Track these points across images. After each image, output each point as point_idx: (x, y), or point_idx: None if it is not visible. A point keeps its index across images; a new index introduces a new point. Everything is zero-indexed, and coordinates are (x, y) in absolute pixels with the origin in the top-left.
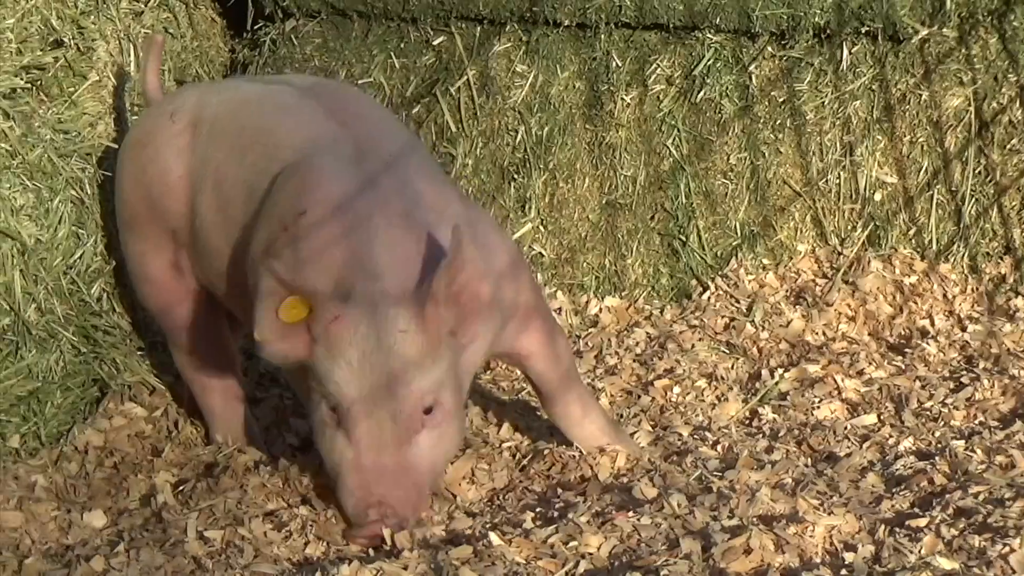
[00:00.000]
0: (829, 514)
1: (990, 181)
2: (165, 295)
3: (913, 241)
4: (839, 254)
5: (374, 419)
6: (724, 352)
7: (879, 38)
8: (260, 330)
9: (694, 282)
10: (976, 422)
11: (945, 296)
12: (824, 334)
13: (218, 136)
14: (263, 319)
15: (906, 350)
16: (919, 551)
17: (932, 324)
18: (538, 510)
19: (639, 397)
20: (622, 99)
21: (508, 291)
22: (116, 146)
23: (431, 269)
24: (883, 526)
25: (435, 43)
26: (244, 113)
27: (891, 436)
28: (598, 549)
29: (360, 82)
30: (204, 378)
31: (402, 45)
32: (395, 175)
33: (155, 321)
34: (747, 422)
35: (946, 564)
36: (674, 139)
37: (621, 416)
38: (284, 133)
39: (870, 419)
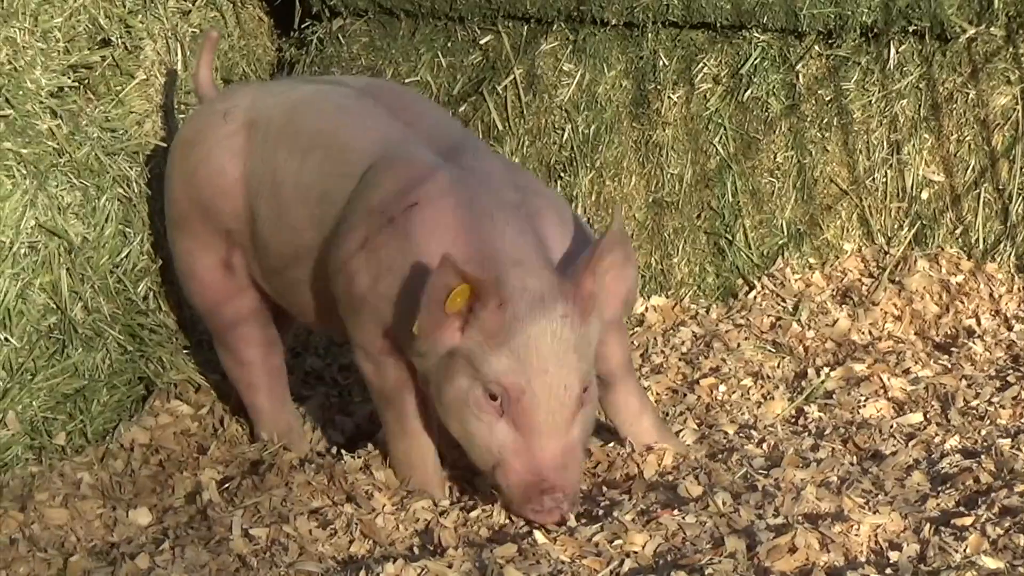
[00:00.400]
0: (874, 513)
1: None
2: (213, 293)
3: (960, 240)
4: (885, 253)
5: (544, 404)
6: (770, 351)
7: (926, 37)
8: (422, 320)
9: (740, 281)
10: (1022, 421)
11: (991, 295)
12: (870, 333)
13: (275, 139)
14: (427, 309)
15: (952, 349)
16: (964, 550)
17: (978, 323)
18: (583, 508)
19: (685, 396)
20: (669, 98)
21: None
22: (163, 144)
23: (554, 253)
24: (928, 525)
25: (482, 42)
26: (301, 115)
27: (937, 435)
28: (643, 547)
29: (407, 81)
30: (250, 377)
31: (449, 44)
32: (488, 164)
33: (201, 319)
34: (793, 420)
35: (991, 563)
36: (721, 138)
37: (667, 414)
38: (349, 134)
39: (916, 418)
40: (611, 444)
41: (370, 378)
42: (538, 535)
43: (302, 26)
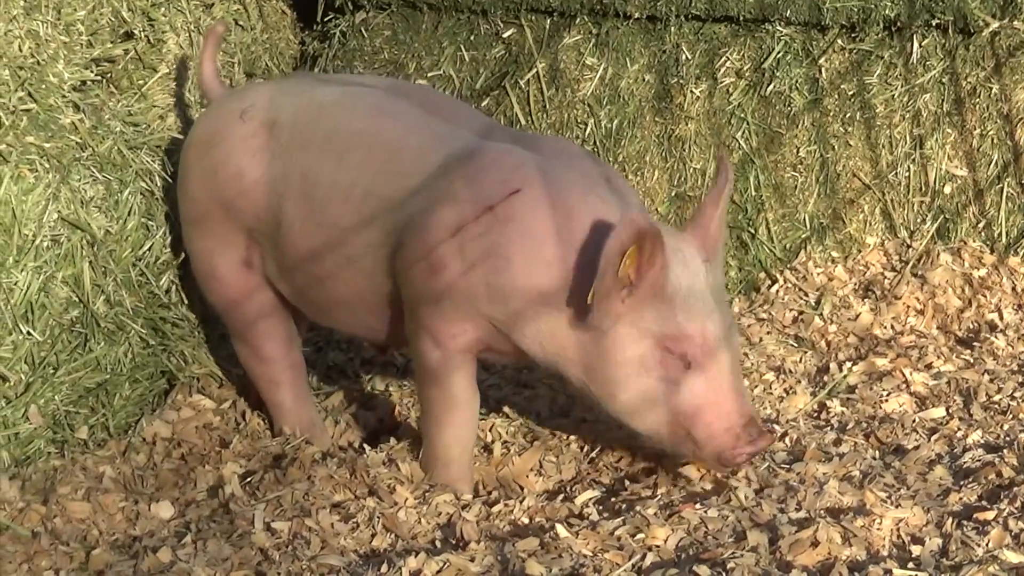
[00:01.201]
0: (896, 507)
1: None
2: (233, 291)
3: (982, 234)
4: (908, 247)
5: (726, 345)
6: (792, 345)
7: (949, 31)
8: (599, 287)
9: (763, 275)
10: None
11: (1014, 289)
12: (892, 327)
13: (303, 141)
14: (605, 275)
15: (975, 343)
16: (986, 544)
17: (1001, 318)
18: (605, 502)
19: None
20: (692, 92)
21: None
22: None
23: None
24: (950, 519)
25: (505, 36)
26: (332, 116)
27: (959, 429)
28: (665, 541)
29: (430, 75)
30: (272, 373)
31: (472, 38)
32: (547, 146)
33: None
34: (815, 415)
35: (1013, 557)
36: (743, 132)
37: None
38: (393, 134)
39: (938, 412)
40: (630, 438)
41: (432, 366)
42: (560, 529)
43: (325, 19)
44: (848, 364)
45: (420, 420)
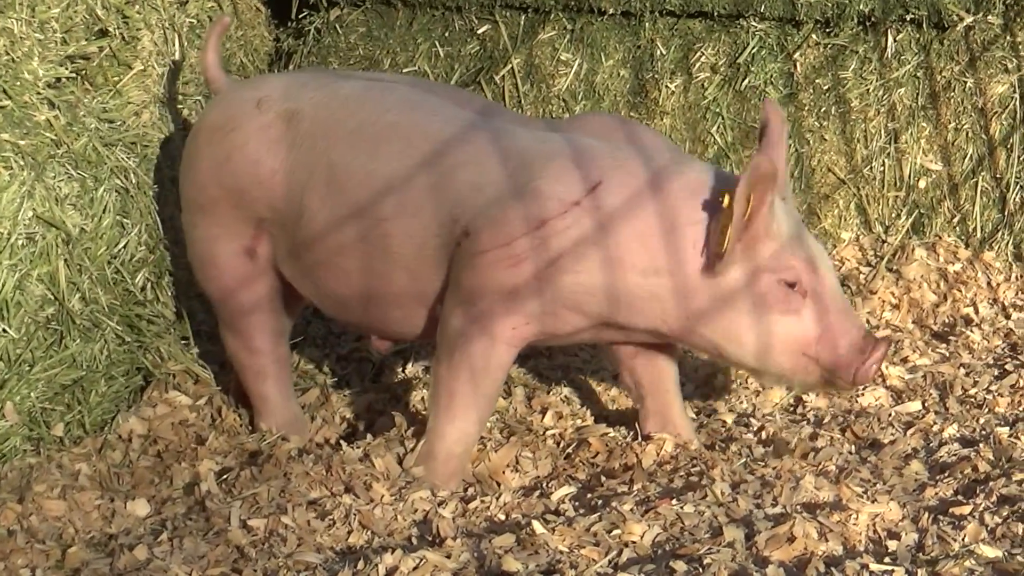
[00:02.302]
0: (873, 502)
1: None
2: (230, 280)
3: (957, 229)
4: (883, 242)
5: (829, 266)
6: None
7: (924, 25)
8: (732, 234)
9: None
10: (1020, 409)
11: (989, 284)
12: (868, 322)
13: (327, 132)
14: (738, 221)
15: (950, 338)
16: (962, 539)
17: (976, 312)
18: (582, 498)
19: (683, 384)
20: (667, 87)
21: None
22: (161, 135)
23: None
24: (926, 514)
25: (480, 32)
26: (359, 110)
27: (935, 423)
28: (641, 537)
29: (404, 71)
30: (260, 365)
31: (447, 34)
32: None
33: (209, 307)
34: (791, 409)
35: (989, 552)
36: (719, 127)
37: None
38: (431, 128)
39: (914, 406)
40: (606, 434)
41: (472, 356)
42: (536, 525)
43: (299, 16)
44: None
45: (430, 409)
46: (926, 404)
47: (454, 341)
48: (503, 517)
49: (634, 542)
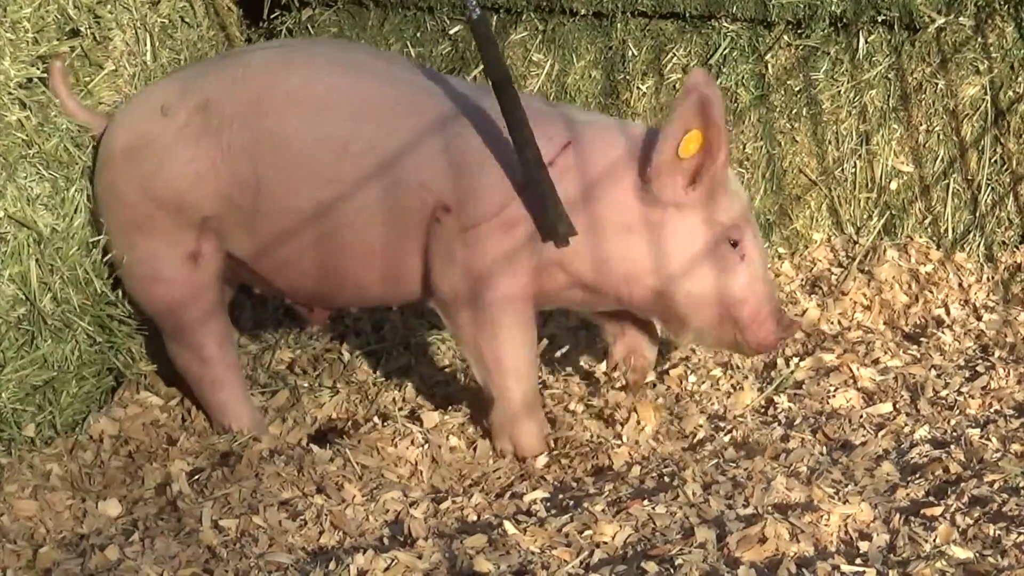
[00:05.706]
0: (844, 503)
1: (1006, 170)
2: (178, 292)
3: (929, 230)
4: (855, 243)
5: (758, 234)
6: None
7: (895, 27)
8: (658, 158)
9: None
10: (991, 410)
11: (961, 285)
12: (840, 323)
13: (258, 103)
14: (664, 146)
15: (921, 339)
16: (934, 540)
17: (948, 313)
18: (554, 499)
19: (654, 385)
20: (638, 88)
21: None
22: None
23: None
24: (898, 515)
25: (451, 32)
26: (289, 75)
27: (906, 425)
28: (613, 538)
29: None
30: (214, 373)
31: (419, 34)
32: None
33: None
34: (763, 411)
35: (961, 553)
36: None
37: None
38: (372, 88)
39: (885, 408)
40: (576, 435)
41: (493, 314)
42: (508, 525)
43: (271, 16)
44: (795, 360)
45: (487, 385)
46: (897, 406)
47: (473, 315)
48: (475, 517)
49: (606, 543)
